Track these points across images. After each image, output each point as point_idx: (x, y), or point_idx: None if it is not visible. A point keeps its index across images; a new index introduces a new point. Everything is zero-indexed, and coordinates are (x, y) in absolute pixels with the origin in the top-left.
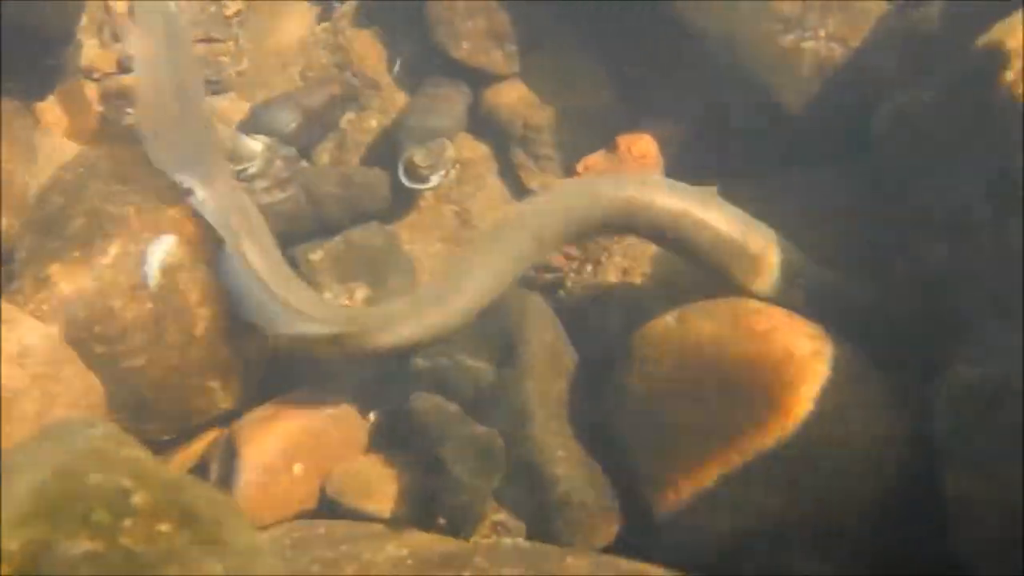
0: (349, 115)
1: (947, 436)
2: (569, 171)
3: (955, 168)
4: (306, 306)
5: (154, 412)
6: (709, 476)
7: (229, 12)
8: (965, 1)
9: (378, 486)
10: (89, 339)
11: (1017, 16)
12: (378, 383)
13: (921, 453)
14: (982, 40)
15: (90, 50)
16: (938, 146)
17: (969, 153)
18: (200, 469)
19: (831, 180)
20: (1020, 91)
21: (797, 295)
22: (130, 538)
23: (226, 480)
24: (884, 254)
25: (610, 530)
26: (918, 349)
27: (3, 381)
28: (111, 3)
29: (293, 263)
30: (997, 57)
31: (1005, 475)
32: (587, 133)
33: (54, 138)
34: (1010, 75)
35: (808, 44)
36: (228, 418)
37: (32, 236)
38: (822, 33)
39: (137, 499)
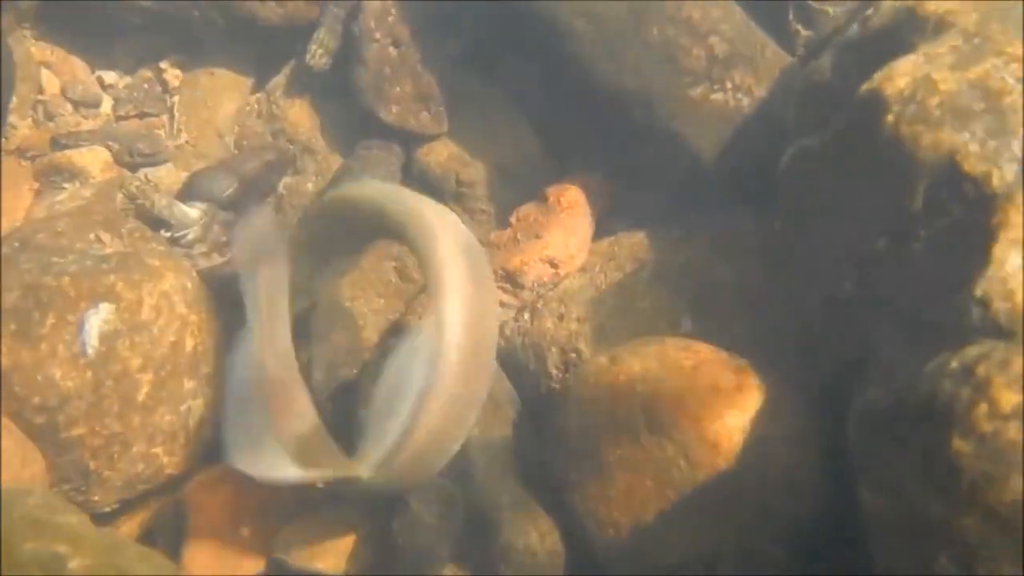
0: (286, 179)
1: (859, 455)
2: (503, 222)
3: (852, 204)
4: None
5: (98, 481)
6: (646, 512)
7: (164, 87)
8: (850, 54)
9: (328, 544)
10: (28, 410)
11: (892, 65)
12: None
13: (840, 473)
14: (865, 87)
15: (23, 129)
16: (836, 185)
17: (863, 190)
18: (148, 537)
19: (745, 220)
20: (901, 132)
21: None
22: None
23: (174, 545)
24: (798, 286)
25: (557, 573)
26: (837, 374)
27: None
28: (43, 84)
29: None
30: (878, 102)
31: (911, 489)
32: (517, 186)
33: None
34: (890, 118)
35: (717, 96)
36: (174, 484)
37: None
38: (729, 85)
39: (74, 564)
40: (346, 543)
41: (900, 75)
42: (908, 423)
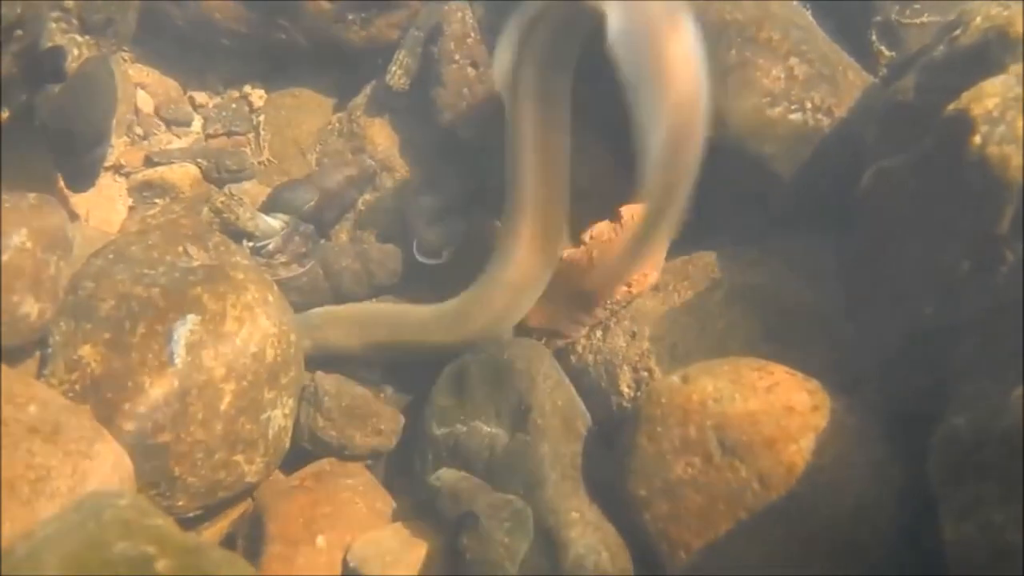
0: (365, 196)
1: (941, 484)
2: (576, 241)
3: (934, 227)
4: None
5: (182, 487)
6: (718, 534)
7: (251, 107)
8: (936, 73)
9: (402, 555)
10: (119, 416)
11: (981, 85)
12: (398, 451)
13: (917, 501)
14: (952, 107)
15: (119, 147)
16: (917, 206)
17: (946, 212)
18: (227, 543)
19: (822, 241)
20: (988, 152)
21: None
22: None
23: (251, 553)
24: (877, 310)
25: None
26: (914, 401)
27: (38, 459)
28: (139, 104)
29: None
30: (965, 122)
31: (996, 520)
32: (591, 205)
33: (86, 229)
34: (977, 139)
35: (795, 116)
36: (253, 491)
37: (65, 320)
38: (809, 105)
39: (160, 565)
40: (417, 556)
41: (989, 95)
42: (993, 452)
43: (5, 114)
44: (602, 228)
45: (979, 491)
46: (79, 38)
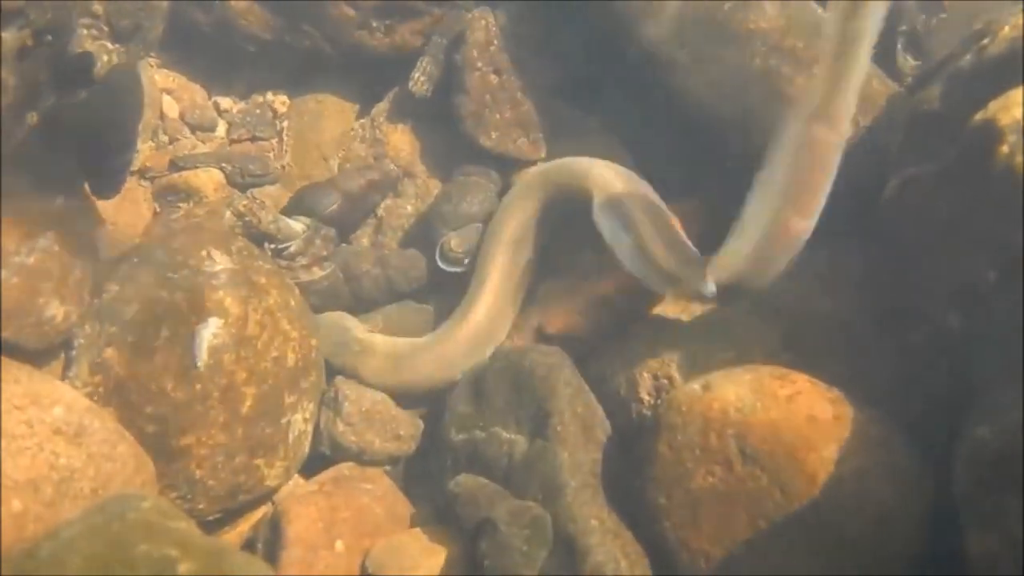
0: (387, 201)
1: (967, 496)
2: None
3: (960, 237)
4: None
5: (203, 490)
6: (738, 543)
7: (275, 113)
8: (963, 83)
9: (420, 560)
10: (141, 419)
11: (1009, 95)
12: (417, 457)
13: (942, 514)
14: (979, 116)
15: (144, 151)
16: (943, 216)
17: (972, 222)
18: (246, 547)
19: (845, 250)
20: (1016, 162)
21: None
22: None
23: (271, 557)
24: (901, 320)
25: None
26: (938, 412)
27: (62, 460)
28: (164, 109)
29: None
30: (993, 132)
31: (1021, 532)
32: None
33: (112, 232)
34: (1005, 148)
35: None
36: (273, 495)
37: (90, 323)
38: None
39: (183, 568)
40: (436, 562)
41: (1017, 104)
42: (1017, 464)
43: (34, 119)
44: None
45: (1003, 503)
46: (109, 45)
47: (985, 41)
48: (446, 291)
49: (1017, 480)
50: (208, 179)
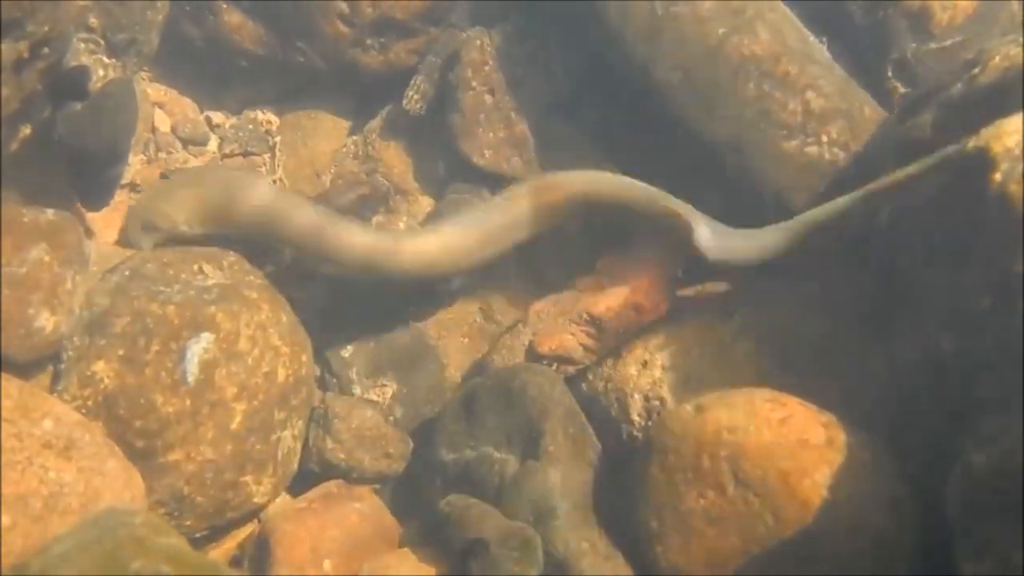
0: (379, 218)
1: (959, 521)
2: (589, 267)
3: (954, 262)
4: None
5: (190, 507)
6: (729, 567)
7: (267, 128)
8: (953, 111)
9: None
10: (130, 433)
11: (1000, 123)
12: (406, 477)
13: (934, 539)
14: (972, 143)
15: (136, 165)
16: (936, 241)
17: (966, 248)
18: (233, 564)
19: (838, 273)
20: (1009, 190)
21: None
22: None
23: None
24: (893, 344)
25: None
26: (930, 437)
27: (51, 474)
28: (156, 122)
29: (325, 362)
30: (985, 159)
31: (1016, 558)
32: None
33: (102, 245)
34: (998, 176)
35: (811, 149)
36: (260, 513)
37: (80, 335)
38: (825, 139)
39: None
40: None
41: (1009, 133)
42: (1012, 489)
43: (27, 130)
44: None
45: (997, 529)
46: (105, 59)
47: (976, 70)
48: (438, 308)
49: (1011, 506)
50: None
